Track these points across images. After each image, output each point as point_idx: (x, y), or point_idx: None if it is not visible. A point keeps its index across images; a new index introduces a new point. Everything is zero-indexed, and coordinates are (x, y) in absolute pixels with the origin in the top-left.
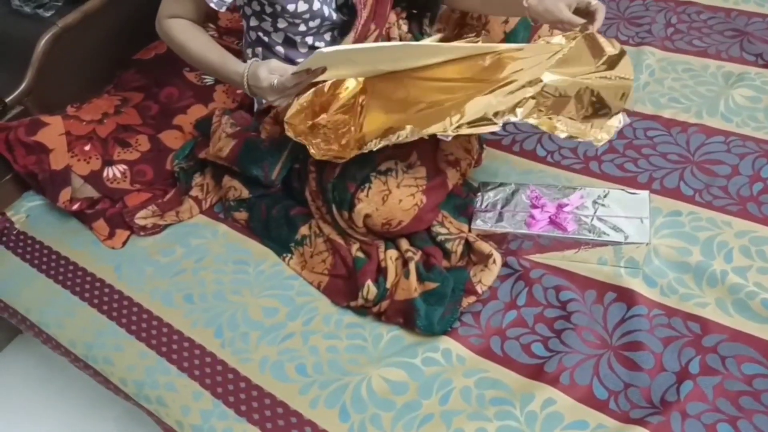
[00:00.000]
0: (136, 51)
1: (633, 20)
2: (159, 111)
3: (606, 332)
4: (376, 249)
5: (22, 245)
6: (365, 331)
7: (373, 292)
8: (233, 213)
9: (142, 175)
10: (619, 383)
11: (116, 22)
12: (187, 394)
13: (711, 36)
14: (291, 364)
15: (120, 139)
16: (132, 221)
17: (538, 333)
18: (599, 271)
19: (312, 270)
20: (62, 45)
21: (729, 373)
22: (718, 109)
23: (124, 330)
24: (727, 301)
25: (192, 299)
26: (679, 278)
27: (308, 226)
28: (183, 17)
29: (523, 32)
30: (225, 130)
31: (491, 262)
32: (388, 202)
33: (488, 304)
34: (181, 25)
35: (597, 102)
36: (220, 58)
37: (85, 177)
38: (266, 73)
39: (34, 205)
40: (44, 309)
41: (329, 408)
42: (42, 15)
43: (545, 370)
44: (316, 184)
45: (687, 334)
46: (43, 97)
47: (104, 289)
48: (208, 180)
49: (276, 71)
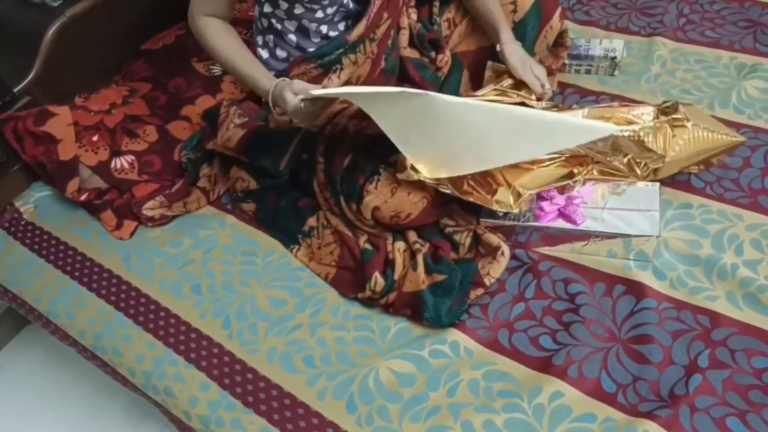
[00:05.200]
0: (144, 41)
1: (645, 10)
2: (167, 101)
3: (615, 325)
4: (384, 241)
5: (30, 236)
6: (373, 323)
7: (381, 284)
8: (241, 204)
9: (150, 166)
10: (628, 376)
11: (124, 12)
12: (194, 385)
13: (724, 27)
14: (299, 355)
15: (128, 130)
16: (140, 212)
17: (546, 326)
18: (608, 264)
19: (320, 261)
20: (70, 35)
21: (738, 367)
22: (731, 101)
23: (132, 321)
24: (738, 295)
25: (200, 290)
26: (689, 271)
27: (316, 217)
28: (215, 13)
29: (533, 22)
30: (233, 121)
31: (499, 255)
32: (397, 195)
33: (496, 297)
34: (214, 29)
35: None
36: (250, 70)
37: (93, 167)
38: (291, 95)
39: (42, 196)
40: (53, 299)
41: (337, 399)
42: (50, 5)
43: (553, 362)
44: (325, 175)
45: (696, 328)
46: (51, 88)
47: (112, 280)
48: (216, 171)
49: (299, 92)
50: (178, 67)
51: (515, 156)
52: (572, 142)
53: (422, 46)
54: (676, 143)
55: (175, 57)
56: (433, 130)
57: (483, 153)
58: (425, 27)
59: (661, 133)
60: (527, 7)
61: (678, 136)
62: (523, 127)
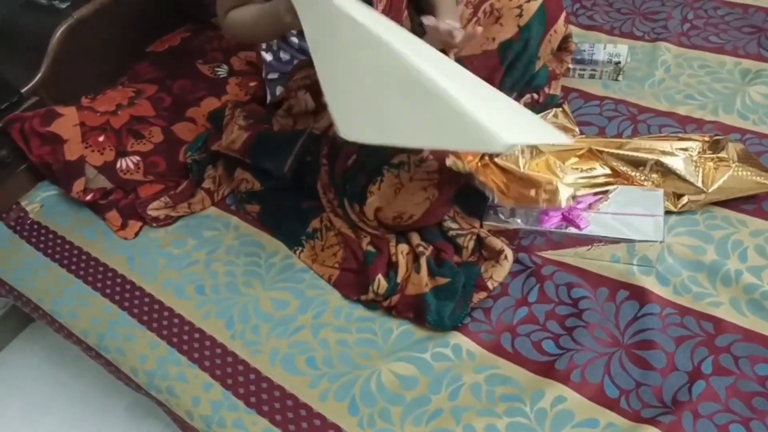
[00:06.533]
0: (150, 43)
1: (649, 15)
2: (172, 103)
3: (618, 330)
4: (387, 243)
5: (36, 235)
6: (375, 325)
7: (384, 286)
8: (245, 205)
9: (155, 167)
10: (631, 382)
11: (130, 14)
12: (197, 385)
13: (728, 32)
14: (301, 356)
15: (133, 131)
16: (144, 212)
17: (549, 330)
18: (612, 269)
19: (323, 263)
20: (77, 36)
21: (742, 374)
22: (735, 107)
23: (135, 320)
24: (742, 301)
25: (203, 291)
26: (693, 277)
27: (319, 219)
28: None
29: (537, 26)
30: (238, 123)
31: (503, 258)
32: (400, 196)
33: (499, 300)
34: (236, 13)
35: None
36: (260, 8)
37: (98, 168)
38: None
39: (48, 195)
40: (57, 298)
41: (339, 401)
42: (58, 6)
43: (556, 367)
44: (328, 177)
45: (700, 334)
46: (58, 88)
47: (116, 279)
48: (220, 172)
49: None
50: (183, 69)
51: (403, 135)
52: (465, 144)
53: None
54: (717, 179)
55: (180, 59)
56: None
57: (376, 115)
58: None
59: (703, 167)
60: (532, 12)
61: (720, 172)
62: (409, 89)
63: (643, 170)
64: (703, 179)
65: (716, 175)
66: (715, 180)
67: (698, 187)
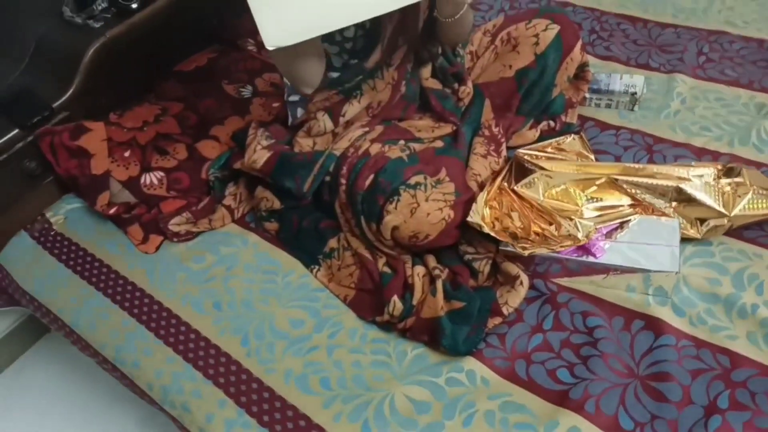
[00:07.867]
0: (178, 63)
1: (664, 47)
2: (197, 121)
3: (633, 361)
4: (402, 264)
5: (59, 246)
6: (390, 347)
7: (399, 308)
8: (264, 223)
9: (178, 183)
10: (646, 414)
11: (160, 34)
12: (212, 402)
13: (743, 66)
14: (315, 376)
15: (158, 147)
16: (166, 227)
17: (563, 358)
18: (627, 299)
19: (339, 283)
20: (109, 55)
21: (759, 410)
22: (750, 139)
23: (153, 334)
24: (759, 335)
25: (220, 306)
26: (709, 309)
27: (337, 239)
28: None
29: (554, 54)
30: (260, 142)
31: (518, 284)
32: (416, 215)
33: (514, 326)
34: None
35: None
36: None
37: (123, 182)
38: None
39: (72, 208)
40: (77, 309)
41: (351, 422)
42: (92, 26)
43: (570, 396)
44: (346, 196)
45: (716, 367)
46: (88, 104)
47: (135, 293)
48: (241, 190)
49: None
50: (209, 89)
51: None
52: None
53: (445, 79)
54: (737, 203)
55: (206, 79)
56: None
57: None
58: (448, 60)
59: (721, 192)
60: (548, 40)
61: (741, 196)
62: None
63: (664, 197)
64: (723, 204)
65: (736, 199)
66: (736, 203)
67: (720, 210)
